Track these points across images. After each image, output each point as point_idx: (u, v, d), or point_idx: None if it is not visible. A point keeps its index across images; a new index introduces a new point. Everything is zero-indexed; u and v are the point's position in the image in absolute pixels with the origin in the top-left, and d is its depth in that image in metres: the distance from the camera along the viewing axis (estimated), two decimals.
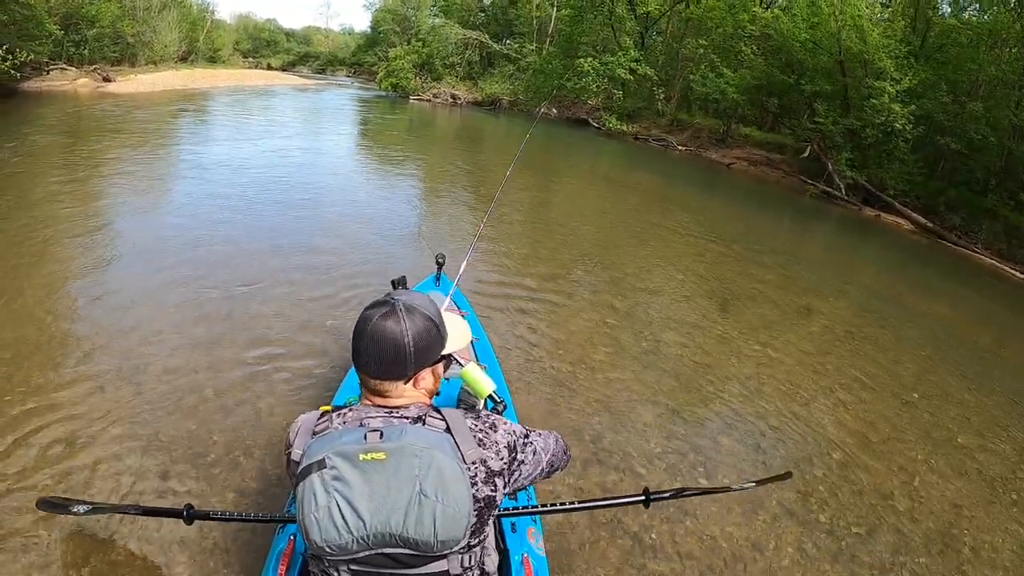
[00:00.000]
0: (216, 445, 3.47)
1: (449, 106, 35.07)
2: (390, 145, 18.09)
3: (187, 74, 34.58)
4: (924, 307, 9.01)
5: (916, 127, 16.75)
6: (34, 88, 21.55)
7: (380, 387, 1.46)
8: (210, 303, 5.27)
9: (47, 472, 3.10)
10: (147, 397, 3.82)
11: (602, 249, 8.79)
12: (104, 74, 26.54)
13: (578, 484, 3.46)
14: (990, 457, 4.77)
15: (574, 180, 16.30)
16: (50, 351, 4.26)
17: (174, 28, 39.73)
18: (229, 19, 73.59)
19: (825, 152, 18.99)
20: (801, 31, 18.96)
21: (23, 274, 5.46)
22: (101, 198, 8.63)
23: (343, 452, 1.29)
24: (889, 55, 16.61)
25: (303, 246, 7.07)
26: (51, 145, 12.23)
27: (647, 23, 29.39)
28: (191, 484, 3.15)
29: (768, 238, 11.99)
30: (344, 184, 11.12)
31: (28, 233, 6.53)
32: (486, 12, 45.33)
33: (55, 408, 3.59)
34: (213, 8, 60.71)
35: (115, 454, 3.29)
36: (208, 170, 10.64)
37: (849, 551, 3.33)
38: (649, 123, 28.33)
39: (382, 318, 1.43)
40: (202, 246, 6.65)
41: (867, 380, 5.68)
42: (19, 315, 4.70)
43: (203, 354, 4.42)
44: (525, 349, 5.12)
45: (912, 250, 13.87)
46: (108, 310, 4.97)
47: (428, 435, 1.34)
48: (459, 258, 3.66)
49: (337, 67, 69.85)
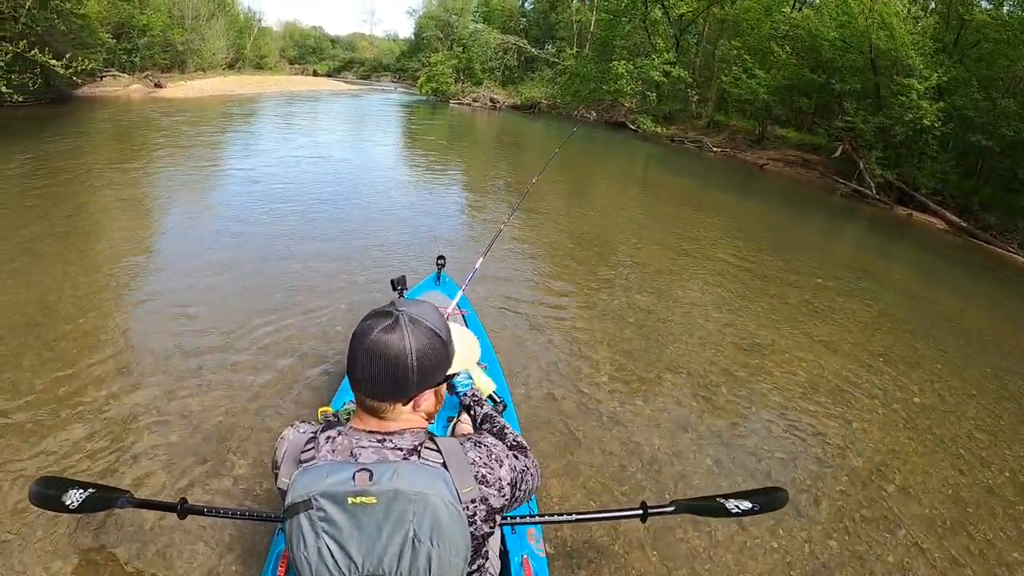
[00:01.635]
0: (216, 441, 3.50)
1: (488, 110, 35.78)
2: (426, 148, 18.69)
3: (234, 80, 36.11)
4: (957, 308, 8.55)
5: (945, 124, 16.58)
6: (88, 94, 23.22)
7: (376, 408, 1.36)
8: (229, 293, 5.56)
9: (52, 457, 3.22)
10: (150, 389, 3.91)
11: (621, 248, 8.79)
12: (155, 80, 28.00)
13: (579, 488, 3.46)
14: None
15: (604, 181, 16.62)
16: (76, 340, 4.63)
17: (222, 36, 41.34)
18: (276, 26, 75.67)
19: (856, 151, 18.95)
20: (830, 30, 18.98)
21: (69, 260, 6.16)
22: (153, 194, 9.56)
23: (330, 494, 1.23)
24: (918, 52, 16.52)
25: (328, 244, 7.23)
26: (110, 144, 13.55)
27: (681, 25, 29.50)
28: (186, 478, 3.18)
29: (796, 238, 11.86)
30: (374, 184, 11.29)
31: (79, 224, 7.62)
32: (527, 17, 45.92)
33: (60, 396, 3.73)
34: (260, 16, 62.76)
35: (116, 443, 3.37)
36: (252, 169, 11.28)
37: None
38: (686, 125, 28.44)
39: (384, 331, 1.31)
40: (235, 241, 7.11)
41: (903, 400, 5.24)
42: (53, 304, 5.30)
43: (210, 346, 4.51)
44: (526, 349, 5.03)
45: (945, 250, 13.57)
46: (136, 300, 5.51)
47: (422, 475, 1.26)
48: (469, 258, 3.81)
49: (381, 73, 71.23)
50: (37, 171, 9.67)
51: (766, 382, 5.12)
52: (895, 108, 16.99)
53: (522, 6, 46.26)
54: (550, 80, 37.32)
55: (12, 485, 2.99)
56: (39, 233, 6.66)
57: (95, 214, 7.89)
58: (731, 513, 2.22)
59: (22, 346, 4.29)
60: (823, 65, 20.13)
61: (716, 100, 28.45)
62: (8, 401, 3.66)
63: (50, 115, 16.63)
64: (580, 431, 4.00)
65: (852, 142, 19.24)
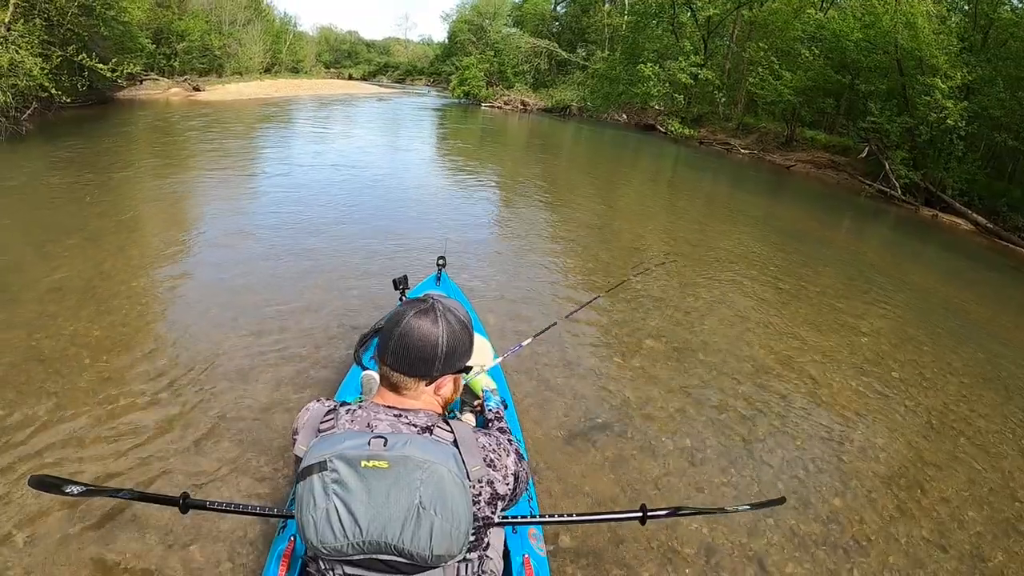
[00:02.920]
0: (222, 437, 3.54)
1: (519, 112, 36.21)
2: (455, 152, 19.16)
3: (271, 84, 37.10)
4: (984, 315, 8.36)
5: (970, 124, 16.46)
6: (128, 96, 24.46)
7: (400, 382, 1.45)
8: (249, 288, 5.81)
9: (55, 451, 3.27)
10: (155, 382, 4.01)
11: (641, 243, 8.83)
12: (194, 84, 29.06)
13: (580, 489, 3.48)
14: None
15: (622, 180, 16.94)
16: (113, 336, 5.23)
17: (258, 41, 42.49)
18: (311, 31, 76.07)
19: (882, 152, 18.91)
20: (854, 30, 18.98)
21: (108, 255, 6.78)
22: (192, 188, 10.42)
23: (345, 456, 1.28)
24: (942, 50, 16.45)
25: (356, 242, 7.40)
26: (152, 142, 14.68)
27: (709, 27, 29.57)
28: (189, 472, 3.22)
29: (817, 237, 11.77)
30: (394, 188, 11.25)
31: (126, 210, 8.71)
32: (560, 21, 46.22)
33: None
34: (296, 21, 63.87)
35: (117, 434, 3.45)
36: (285, 172, 11.77)
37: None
38: (715, 128, 28.52)
39: (419, 315, 1.44)
40: (262, 238, 7.37)
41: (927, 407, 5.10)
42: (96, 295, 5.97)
43: (222, 341, 4.65)
44: (527, 350, 5.09)
45: (971, 251, 13.45)
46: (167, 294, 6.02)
47: (433, 447, 1.32)
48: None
49: (416, 76, 72.09)
50: (87, 165, 10.64)
51: (790, 386, 5.08)
52: (920, 108, 16.94)
53: (555, 10, 46.61)
54: (580, 83, 37.60)
55: (11, 476, 3.02)
56: (91, 215, 7.59)
57: (140, 203, 8.81)
58: (726, 510, 2.31)
59: (81, 301, 5.08)
60: (848, 66, 20.08)
61: (745, 102, 28.44)
62: (73, 344, 4.40)
63: (95, 116, 17.76)
64: (581, 431, 4.01)
65: (878, 143, 19.19)
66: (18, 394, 3.75)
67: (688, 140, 27.45)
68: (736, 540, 3.28)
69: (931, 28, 16.59)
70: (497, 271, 6.95)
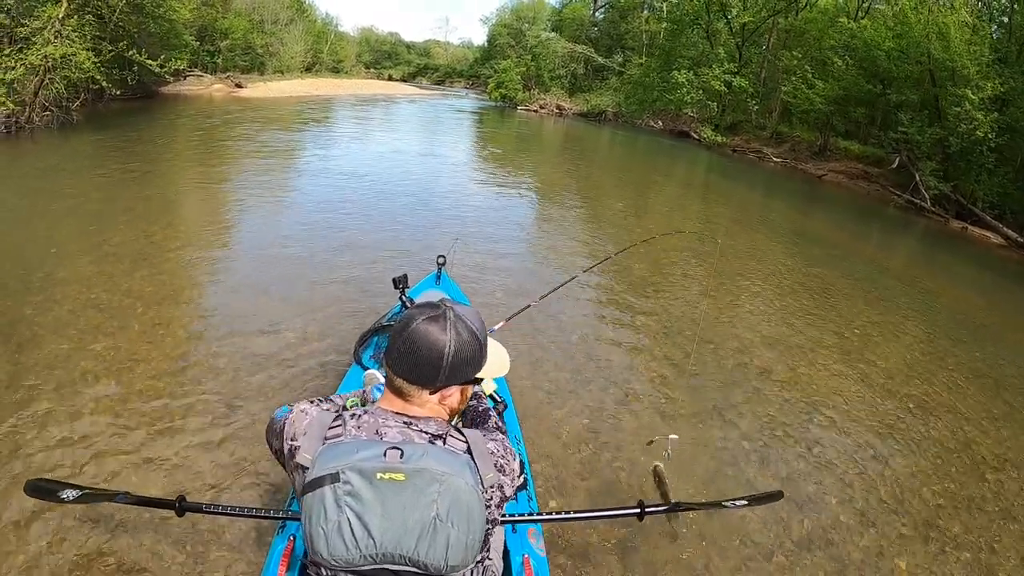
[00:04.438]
0: (219, 436, 3.52)
1: (554, 116, 36.50)
2: (489, 157, 19.54)
3: (311, 82, 38.04)
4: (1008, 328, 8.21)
5: (1000, 136, 16.29)
6: (172, 91, 25.63)
7: (404, 389, 1.42)
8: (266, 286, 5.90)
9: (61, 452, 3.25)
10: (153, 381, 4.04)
11: (648, 249, 8.62)
12: (236, 81, 30.03)
13: (576, 490, 3.48)
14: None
15: (645, 184, 17.23)
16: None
17: (300, 40, 43.56)
18: (352, 32, 77.89)
19: (913, 163, 18.78)
20: (886, 39, 18.90)
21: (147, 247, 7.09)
22: (232, 177, 11.35)
23: (360, 468, 1.26)
24: (973, 61, 16.33)
25: (384, 245, 7.40)
26: (196, 135, 15.80)
27: (744, 35, 29.53)
28: (185, 475, 3.19)
29: (844, 246, 11.65)
30: (423, 187, 11.37)
31: (171, 192, 9.73)
32: (598, 27, 46.38)
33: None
34: (337, 22, 64.94)
35: (115, 435, 3.40)
36: (322, 168, 12.18)
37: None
38: (749, 136, 28.49)
39: (429, 320, 1.40)
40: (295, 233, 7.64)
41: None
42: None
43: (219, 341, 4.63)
44: (528, 350, 5.00)
45: (1001, 266, 13.17)
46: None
47: (449, 458, 1.31)
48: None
49: (455, 79, 72.85)
50: (135, 153, 11.66)
51: (792, 386, 5.11)
52: (950, 119, 16.81)
53: (593, 15, 46.79)
54: (616, 89, 37.79)
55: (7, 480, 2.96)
56: (141, 196, 8.48)
57: (185, 187, 9.71)
58: (724, 505, 2.28)
59: (135, 264, 5.79)
60: (879, 75, 19.94)
61: (780, 111, 28.33)
62: (128, 296, 5.08)
63: (140, 108, 18.90)
64: (584, 431, 4.02)
65: (908, 153, 19.05)
66: (79, 332, 4.43)
67: (721, 147, 27.49)
68: (734, 535, 3.28)
69: (962, 38, 16.43)
70: (506, 277, 6.77)
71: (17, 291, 4.94)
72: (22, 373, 3.83)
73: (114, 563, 2.58)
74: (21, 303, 4.74)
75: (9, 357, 4.00)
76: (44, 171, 9.24)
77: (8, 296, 4.84)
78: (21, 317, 4.54)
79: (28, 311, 4.63)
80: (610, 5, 45.65)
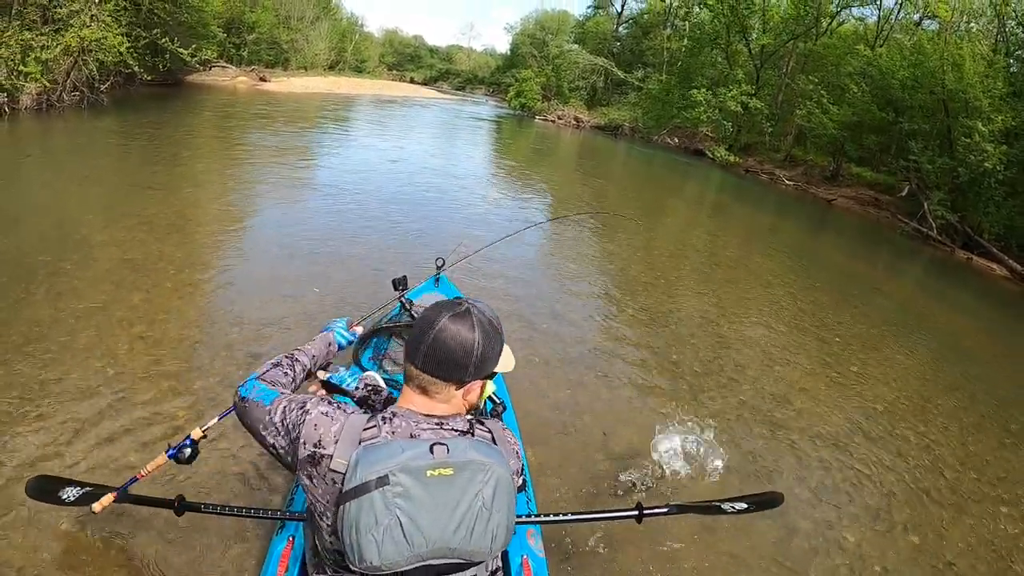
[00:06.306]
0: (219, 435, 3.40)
1: (571, 128, 36.75)
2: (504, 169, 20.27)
3: (334, 80, 38.56)
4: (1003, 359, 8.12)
5: (1008, 169, 16.41)
6: (197, 80, 26.22)
7: (430, 386, 1.42)
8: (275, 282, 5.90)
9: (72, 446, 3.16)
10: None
11: (653, 263, 8.82)
12: (260, 74, 30.68)
13: (576, 493, 3.46)
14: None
15: (656, 202, 17.73)
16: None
17: (325, 38, 44.21)
18: (377, 32, 78.14)
19: (922, 191, 18.95)
20: (900, 68, 19.13)
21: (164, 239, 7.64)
22: (255, 168, 11.93)
23: (409, 468, 1.25)
24: (986, 93, 16.50)
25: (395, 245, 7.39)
26: (221, 123, 16.48)
27: (762, 57, 29.85)
28: (185, 473, 3.06)
29: (847, 272, 11.64)
30: (431, 195, 11.01)
31: (198, 174, 10.32)
32: (621, 42, 46.75)
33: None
34: (362, 22, 65.58)
35: (114, 431, 3.31)
36: (339, 163, 12.62)
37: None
38: (763, 157, 28.68)
39: (455, 318, 1.41)
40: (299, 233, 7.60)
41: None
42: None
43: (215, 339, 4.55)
44: (529, 352, 5.00)
45: (1006, 298, 13.20)
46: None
47: (485, 448, 1.35)
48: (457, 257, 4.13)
49: (476, 85, 72.93)
50: (164, 137, 12.26)
51: (796, 389, 5.22)
52: (959, 150, 16.99)
53: (616, 30, 47.19)
54: (635, 104, 38.10)
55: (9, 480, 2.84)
56: (171, 176, 9.14)
57: (212, 169, 10.30)
58: (726, 512, 2.27)
59: (168, 232, 6.23)
60: (893, 103, 20.12)
61: (795, 135, 28.55)
62: (160, 260, 5.49)
63: (167, 95, 19.44)
64: (583, 432, 4.03)
65: (918, 182, 19.23)
66: (115, 287, 4.83)
67: (733, 167, 27.68)
68: (733, 537, 3.27)
69: (977, 70, 16.62)
70: (505, 283, 6.67)
71: (56, 248, 5.33)
72: (63, 319, 4.18)
73: (112, 562, 2.53)
74: (60, 259, 5.11)
75: (50, 303, 4.37)
76: (76, 148, 9.79)
77: (47, 251, 5.23)
78: (60, 270, 4.90)
79: (67, 266, 5.00)
80: (633, 21, 46.09)
